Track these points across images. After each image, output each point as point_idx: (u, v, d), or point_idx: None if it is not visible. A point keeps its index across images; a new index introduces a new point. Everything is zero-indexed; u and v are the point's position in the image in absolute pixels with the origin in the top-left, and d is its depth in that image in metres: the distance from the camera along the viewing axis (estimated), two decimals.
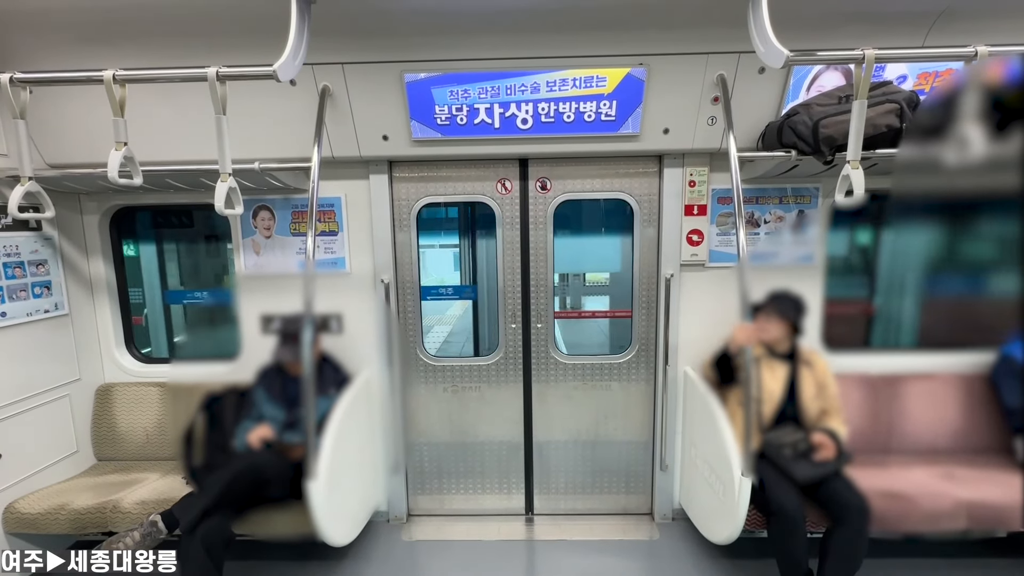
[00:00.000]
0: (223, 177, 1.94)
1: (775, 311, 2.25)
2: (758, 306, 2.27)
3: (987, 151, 0.67)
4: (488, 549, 2.63)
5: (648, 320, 2.72)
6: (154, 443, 2.73)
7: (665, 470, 2.74)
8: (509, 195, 2.65)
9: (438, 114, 2.31)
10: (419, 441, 2.86)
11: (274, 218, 2.62)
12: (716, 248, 2.58)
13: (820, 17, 2.06)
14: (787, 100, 2.26)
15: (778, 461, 2.12)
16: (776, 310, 2.25)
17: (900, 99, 1.94)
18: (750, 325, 2.01)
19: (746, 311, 1.98)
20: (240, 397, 2.43)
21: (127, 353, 2.84)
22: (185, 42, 2.14)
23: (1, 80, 1.82)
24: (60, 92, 2.23)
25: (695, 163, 2.50)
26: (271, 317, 2.59)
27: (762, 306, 2.27)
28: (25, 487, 2.39)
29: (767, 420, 2.23)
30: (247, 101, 2.06)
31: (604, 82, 2.24)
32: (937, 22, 2.09)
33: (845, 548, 2.04)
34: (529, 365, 2.79)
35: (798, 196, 2.54)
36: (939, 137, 0.71)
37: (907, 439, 2.57)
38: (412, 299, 2.74)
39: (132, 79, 1.82)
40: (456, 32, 2.14)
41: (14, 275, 2.34)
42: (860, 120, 1.77)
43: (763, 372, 2.25)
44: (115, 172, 1.83)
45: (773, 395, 2.24)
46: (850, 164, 1.81)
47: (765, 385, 2.24)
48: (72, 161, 2.38)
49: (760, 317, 2.26)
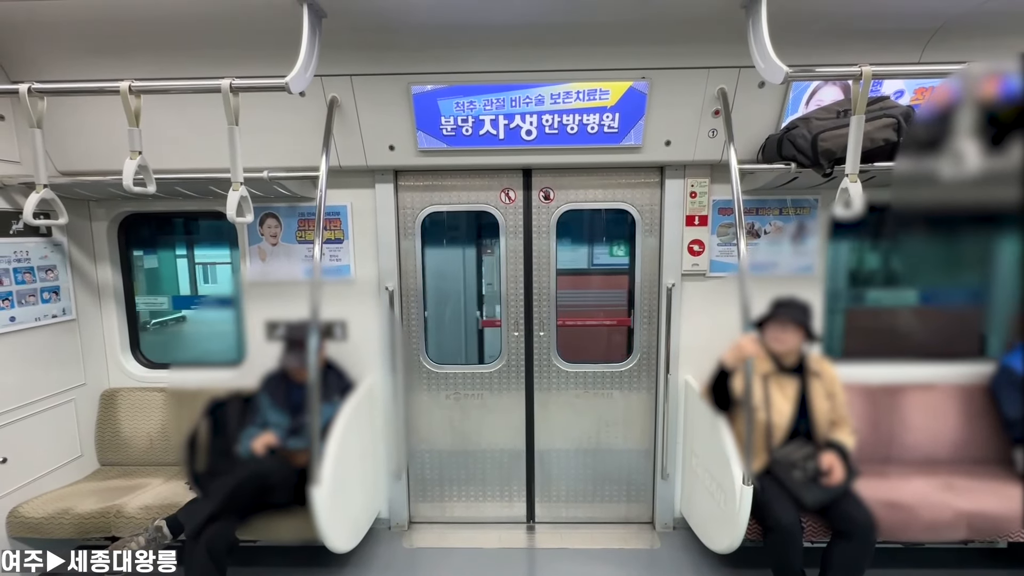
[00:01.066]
0: (235, 186, 1.97)
1: (789, 318, 2.14)
2: (765, 317, 2.20)
3: (982, 166, 0.68)
4: (489, 557, 2.63)
5: (649, 329, 2.75)
6: (158, 448, 2.74)
7: (666, 479, 2.75)
8: (513, 205, 2.68)
9: (444, 125, 2.35)
10: (421, 448, 2.87)
11: (280, 226, 2.65)
12: (717, 258, 2.61)
13: (818, 33, 2.11)
14: (786, 113, 2.31)
15: (787, 484, 2.07)
16: (790, 317, 2.14)
17: (897, 114, 1.98)
18: (754, 336, 1.98)
19: (747, 321, 1.99)
20: (244, 403, 2.44)
21: (132, 358, 2.86)
22: (195, 53, 2.19)
23: (20, 90, 1.87)
24: (71, 101, 2.28)
25: (696, 174, 2.54)
26: (276, 324, 2.62)
27: (771, 316, 2.18)
28: (29, 491, 2.40)
29: (778, 440, 2.15)
30: (256, 111, 2.10)
31: (607, 95, 2.29)
32: (933, 38, 2.14)
33: (850, 562, 2.04)
34: (531, 373, 2.81)
35: (797, 208, 2.57)
36: (935, 151, 0.72)
37: (907, 449, 2.58)
38: (416, 306, 2.76)
39: (148, 90, 1.86)
40: (462, 45, 2.19)
41: (24, 280, 2.37)
42: (858, 134, 1.80)
43: (772, 390, 2.17)
44: (130, 180, 1.86)
45: (784, 414, 2.16)
46: (848, 177, 1.84)
47: (775, 404, 2.15)
48: (82, 168, 2.43)
49: (772, 327, 2.17)
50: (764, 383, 2.16)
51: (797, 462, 2.09)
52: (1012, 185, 0.68)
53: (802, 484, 2.06)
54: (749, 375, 1.98)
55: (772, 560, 2.14)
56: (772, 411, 2.15)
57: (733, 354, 2.08)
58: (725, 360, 2.12)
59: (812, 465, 2.08)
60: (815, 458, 2.09)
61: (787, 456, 2.11)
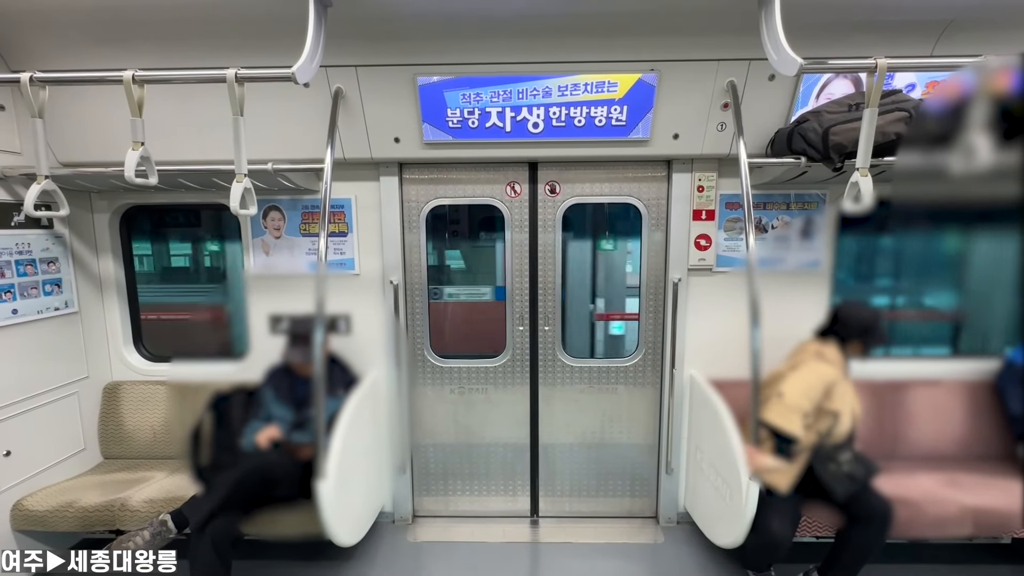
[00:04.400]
0: (239, 178, 1.95)
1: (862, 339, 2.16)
2: (842, 333, 2.17)
3: (994, 160, 0.67)
4: (493, 551, 2.63)
5: (655, 324, 2.74)
6: (161, 441, 2.74)
7: (671, 473, 2.75)
8: (519, 198, 2.66)
9: (450, 117, 2.33)
10: (425, 442, 2.87)
11: (284, 218, 2.63)
12: (724, 253, 2.59)
13: (829, 25, 2.08)
14: (796, 107, 2.28)
15: (821, 476, 2.06)
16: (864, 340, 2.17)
17: (909, 107, 1.96)
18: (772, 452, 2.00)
19: (755, 318, 1.97)
20: (247, 397, 2.44)
21: (135, 351, 2.85)
22: (198, 44, 2.16)
23: (21, 79, 1.84)
24: (72, 91, 2.24)
25: (704, 168, 2.52)
26: (280, 317, 2.61)
27: (864, 336, 2.16)
28: (33, 484, 2.39)
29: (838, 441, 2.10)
30: (260, 102, 2.08)
31: (615, 87, 2.26)
32: (946, 32, 2.12)
33: (864, 545, 2.09)
34: (536, 367, 2.80)
35: (804, 203, 2.56)
36: (944, 145, 0.71)
37: (912, 445, 2.58)
38: (420, 300, 2.75)
39: (151, 80, 1.83)
40: (469, 36, 2.16)
41: (25, 272, 2.35)
42: (871, 128, 1.78)
43: (837, 400, 2.09)
44: (132, 172, 1.84)
45: (847, 417, 2.10)
46: (859, 171, 1.82)
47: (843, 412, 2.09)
48: (84, 160, 2.40)
49: (852, 349, 2.17)
50: (837, 391, 2.10)
51: (833, 456, 2.10)
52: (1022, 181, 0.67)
53: (836, 476, 2.07)
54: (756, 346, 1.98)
55: (749, 550, 2.18)
56: (843, 419, 2.09)
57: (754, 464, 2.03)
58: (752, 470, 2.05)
59: (847, 458, 2.09)
60: (848, 452, 2.11)
61: (825, 450, 2.12)
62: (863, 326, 2.15)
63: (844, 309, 2.21)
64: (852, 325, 2.16)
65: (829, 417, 2.07)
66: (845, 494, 2.05)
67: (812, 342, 2.23)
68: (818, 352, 2.16)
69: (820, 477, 2.07)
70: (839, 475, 2.06)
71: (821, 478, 2.07)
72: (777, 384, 2.10)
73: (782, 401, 2.01)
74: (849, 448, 2.12)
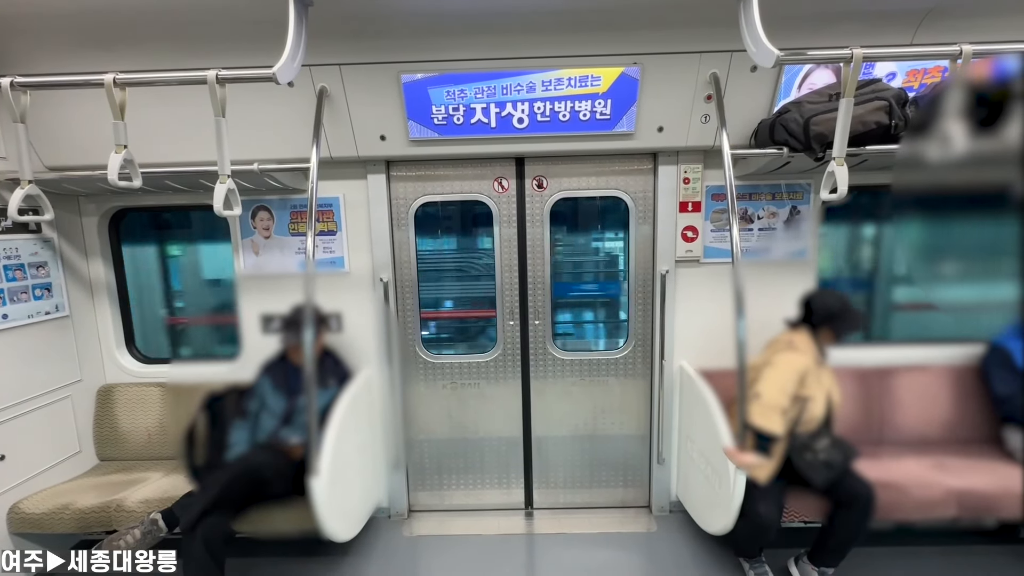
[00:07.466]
0: (222, 179, 1.96)
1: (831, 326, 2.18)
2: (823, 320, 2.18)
3: (970, 147, 0.68)
4: (488, 543, 2.66)
5: (644, 316, 2.76)
6: (156, 443, 2.75)
7: (662, 463, 2.78)
8: (506, 194, 2.68)
9: (435, 114, 2.33)
10: (419, 438, 2.89)
11: (273, 218, 2.64)
12: (711, 244, 2.61)
13: (810, 16, 2.10)
14: (779, 98, 2.30)
15: (799, 465, 2.10)
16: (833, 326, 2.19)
17: (889, 96, 1.98)
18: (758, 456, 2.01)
19: (740, 308, 1.95)
20: (241, 396, 2.45)
21: (127, 354, 2.86)
22: (181, 45, 2.16)
23: (2, 84, 1.84)
24: (57, 95, 2.23)
25: (689, 160, 2.53)
26: (271, 317, 2.62)
27: (835, 322, 2.18)
28: (28, 488, 2.40)
29: (811, 429, 2.13)
30: (245, 103, 2.08)
31: (599, 81, 2.27)
32: (925, 20, 2.13)
33: (849, 528, 2.13)
34: (527, 361, 2.82)
35: (791, 193, 2.57)
36: (928, 134, 0.73)
37: (899, 430, 2.62)
38: (411, 297, 2.76)
39: (133, 83, 1.83)
40: (452, 33, 2.16)
41: (14, 277, 2.36)
42: (847, 117, 1.80)
43: (813, 386, 2.12)
44: (115, 175, 1.84)
45: (820, 404, 2.14)
46: (835, 161, 1.84)
47: (816, 398, 2.12)
48: (70, 163, 2.40)
49: (824, 336, 2.19)
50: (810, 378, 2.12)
51: (810, 445, 2.13)
52: (1003, 166, 0.68)
53: (812, 465, 2.10)
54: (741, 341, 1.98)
55: (738, 540, 2.27)
56: (814, 405, 2.12)
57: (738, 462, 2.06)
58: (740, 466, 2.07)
59: (823, 446, 2.12)
60: (825, 439, 2.14)
61: (801, 440, 2.14)
62: (830, 312, 2.18)
63: (813, 297, 2.24)
64: (820, 312, 2.19)
65: (798, 403, 2.10)
66: (824, 481, 2.08)
67: (785, 333, 2.26)
68: (789, 343, 2.18)
69: (798, 467, 2.10)
70: (815, 464, 2.09)
71: (799, 467, 2.10)
72: (753, 384, 2.10)
73: (760, 401, 2.03)
74: (827, 435, 2.15)
